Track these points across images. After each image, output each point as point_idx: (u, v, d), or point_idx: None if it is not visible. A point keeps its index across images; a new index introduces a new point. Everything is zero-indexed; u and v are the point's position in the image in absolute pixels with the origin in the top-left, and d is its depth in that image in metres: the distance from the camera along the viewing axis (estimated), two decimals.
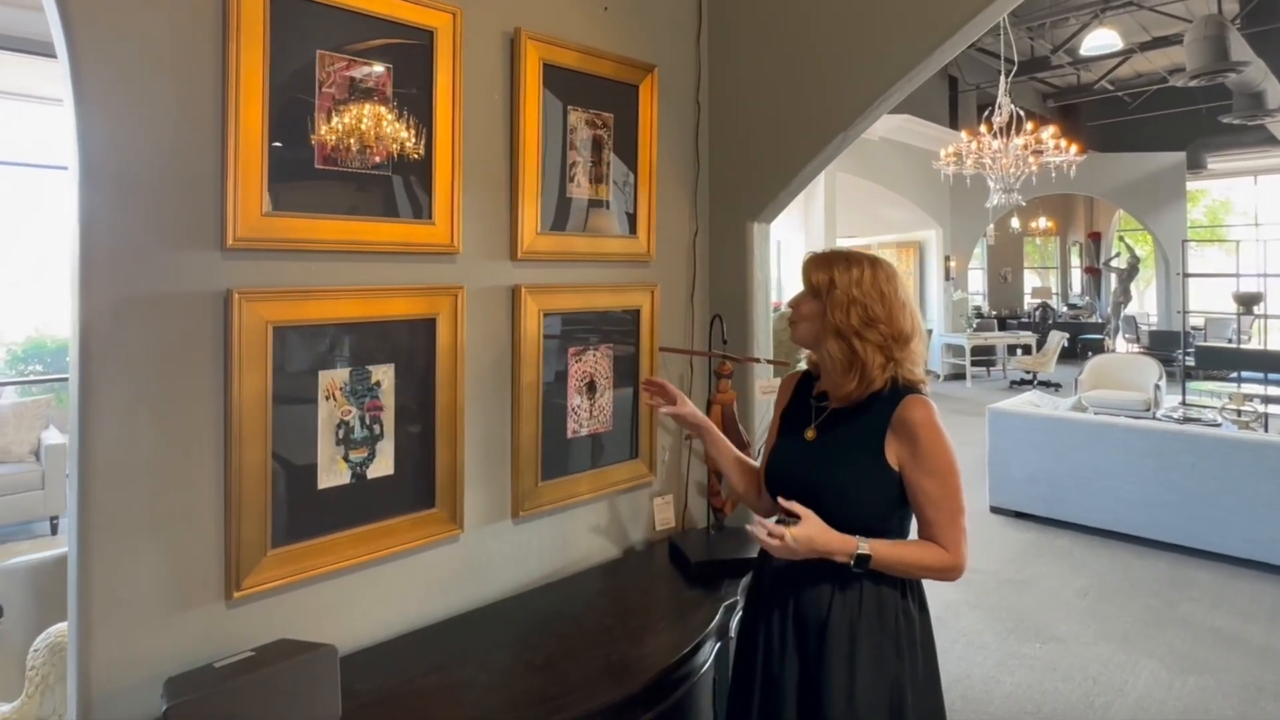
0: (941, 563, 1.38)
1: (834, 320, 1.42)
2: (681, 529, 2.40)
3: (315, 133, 1.51)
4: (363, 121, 1.58)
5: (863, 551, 1.35)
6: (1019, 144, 7.43)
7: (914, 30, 1.96)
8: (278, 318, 1.48)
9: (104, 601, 1.34)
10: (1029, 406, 5.67)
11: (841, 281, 1.42)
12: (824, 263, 1.46)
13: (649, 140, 2.20)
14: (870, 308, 1.40)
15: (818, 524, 1.36)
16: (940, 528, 1.38)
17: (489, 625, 1.78)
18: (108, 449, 1.33)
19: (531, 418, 1.96)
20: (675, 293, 2.37)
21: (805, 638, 1.43)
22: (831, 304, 1.42)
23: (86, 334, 1.30)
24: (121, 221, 1.32)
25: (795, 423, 1.56)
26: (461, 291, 1.77)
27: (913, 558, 1.38)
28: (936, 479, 1.38)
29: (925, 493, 1.39)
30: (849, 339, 1.41)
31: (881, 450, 1.41)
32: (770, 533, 1.35)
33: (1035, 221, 15.52)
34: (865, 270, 1.43)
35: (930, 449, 1.38)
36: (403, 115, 1.65)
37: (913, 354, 1.43)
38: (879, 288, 1.42)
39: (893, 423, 1.40)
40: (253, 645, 1.45)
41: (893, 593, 1.43)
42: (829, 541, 1.35)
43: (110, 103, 1.31)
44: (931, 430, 1.39)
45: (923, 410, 1.40)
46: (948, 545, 1.38)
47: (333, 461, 1.60)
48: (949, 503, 1.39)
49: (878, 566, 1.37)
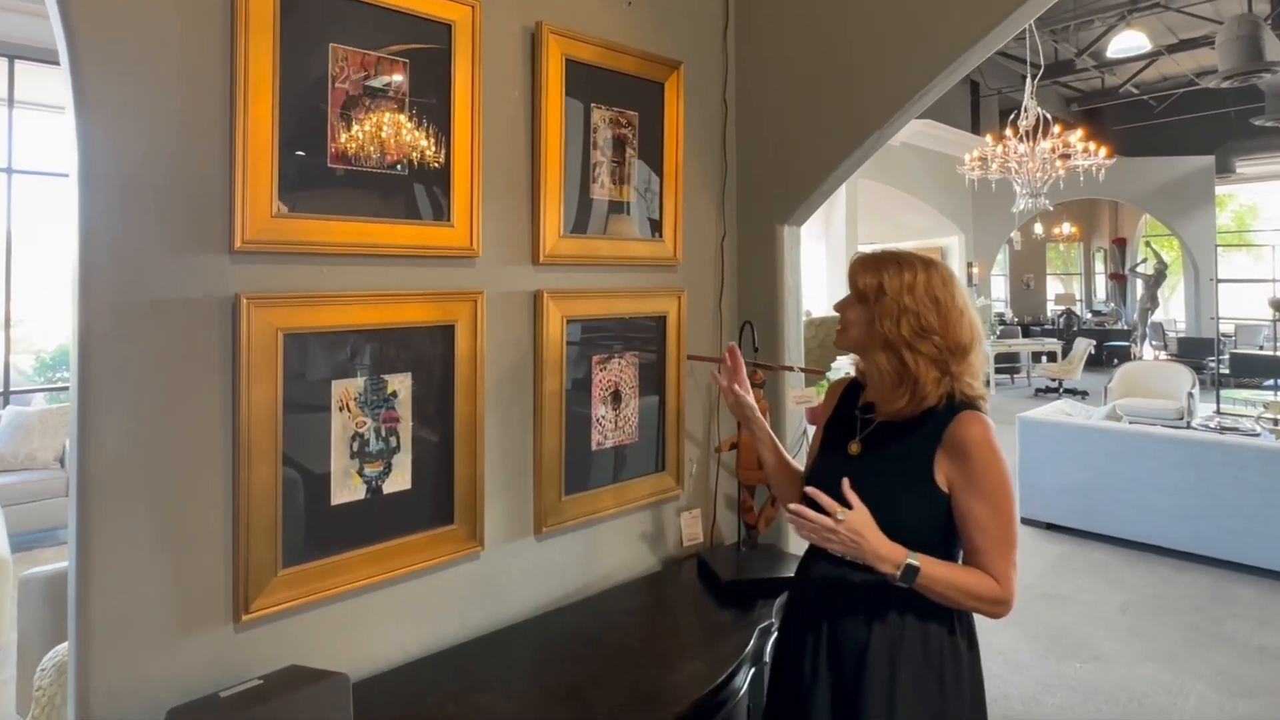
0: (990, 593, 1.26)
1: (882, 330, 1.30)
2: (710, 545, 2.30)
3: (327, 130, 1.44)
4: (377, 119, 1.50)
5: (912, 562, 1.23)
6: (1046, 147, 7.28)
7: (957, 19, 1.85)
8: (288, 324, 1.40)
9: (104, 624, 1.26)
10: (1061, 415, 5.51)
11: (891, 287, 1.30)
12: (872, 265, 1.34)
13: (675, 140, 2.11)
14: (923, 317, 1.28)
15: (869, 518, 1.25)
16: (989, 557, 1.26)
17: (510, 648, 1.68)
18: (108, 462, 1.25)
19: (554, 429, 1.87)
20: (703, 299, 2.27)
21: (841, 665, 1.32)
22: (880, 312, 1.30)
23: (86, 341, 1.22)
24: (123, 224, 1.25)
25: (839, 434, 1.45)
26: (481, 297, 1.69)
27: (962, 582, 1.26)
28: (988, 503, 1.27)
29: (975, 518, 1.27)
30: (899, 351, 1.29)
31: (930, 469, 1.30)
32: (823, 507, 1.23)
33: (1059, 227, 15.29)
34: (919, 274, 1.31)
35: (984, 470, 1.27)
36: (419, 112, 1.57)
37: (971, 366, 1.31)
38: (933, 294, 1.30)
39: (944, 440, 1.29)
40: (261, 672, 1.37)
41: (940, 627, 1.32)
42: (878, 542, 1.24)
43: (110, 102, 1.23)
44: (986, 450, 1.27)
45: (978, 427, 1.28)
46: (997, 576, 1.26)
47: (347, 475, 1.51)
48: (1000, 530, 1.27)
49: (924, 583, 1.25)
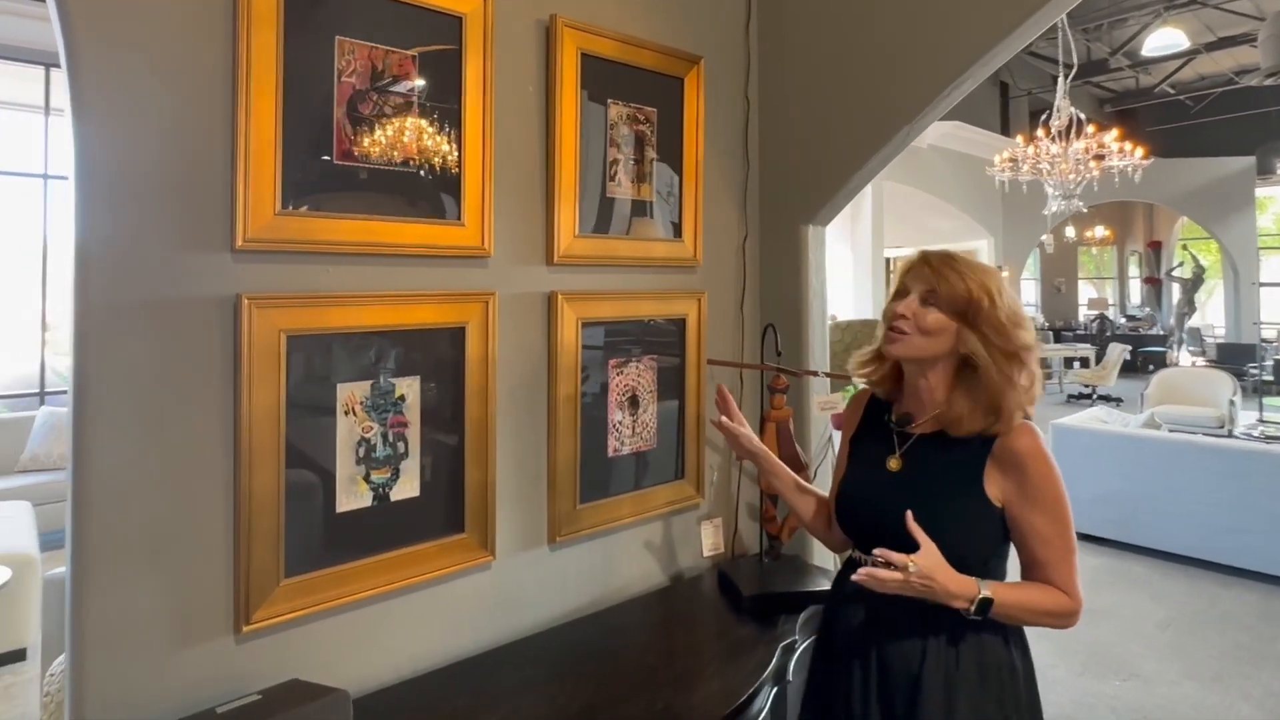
0: (1061, 607, 1.21)
1: (978, 345, 1.21)
2: (732, 556, 2.22)
3: (334, 127, 1.39)
4: (385, 115, 1.45)
5: (985, 595, 1.17)
6: (1079, 148, 7.09)
7: (991, 8, 1.77)
8: (292, 326, 1.35)
9: (99, 634, 1.21)
10: (1096, 423, 5.34)
11: (1002, 300, 1.22)
12: (969, 272, 1.24)
13: (695, 137, 2.04)
14: (1017, 332, 1.23)
15: (939, 557, 1.17)
16: (1054, 568, 1.22)
17: (523, 663, 1.62)
18: (105, 467, 1.21)
19: (569, 435, 1.81)
20: (724, 301, 2.20)
21: (891, 697, 1.24)
22: (986, 324, 1.21)
23: (83, 343, 1.18)
24: (120, 223, 1.21)
25: (871, 450, 1.37)
26: (493, 298, 1.63)
27: (1034, 603, 1.21)
28: (1049, 515, 1.21)
29: (1036, 531, 1.22)
30: (997, 368, 1.21)
31: (981, 483, 1.23)
32: (891, 564, 1.15)
33: (1091, 230, 14.95)
34: (1004, 285, 1.25)
35: (1041, 482, 1.21)
36: (429, 108, 1.52)
37: (1037, 375, 1.26)
38: (1015, 309, 1.25)
39: (995, 452, 1.23)
40: (262, 685, 1.32)
41: (995, 640, 1.25)
42: (949, 581, 1.16)
43: (108, 100, 1.19)
44: (1041, 461, 1.22)
45: (1029, 438, 1.23)
46: (1065, 587, 1.21)
47: (352, 482, 1.46)
48: (1062, 540, 1.22)
49: (998, 613, 1.19)
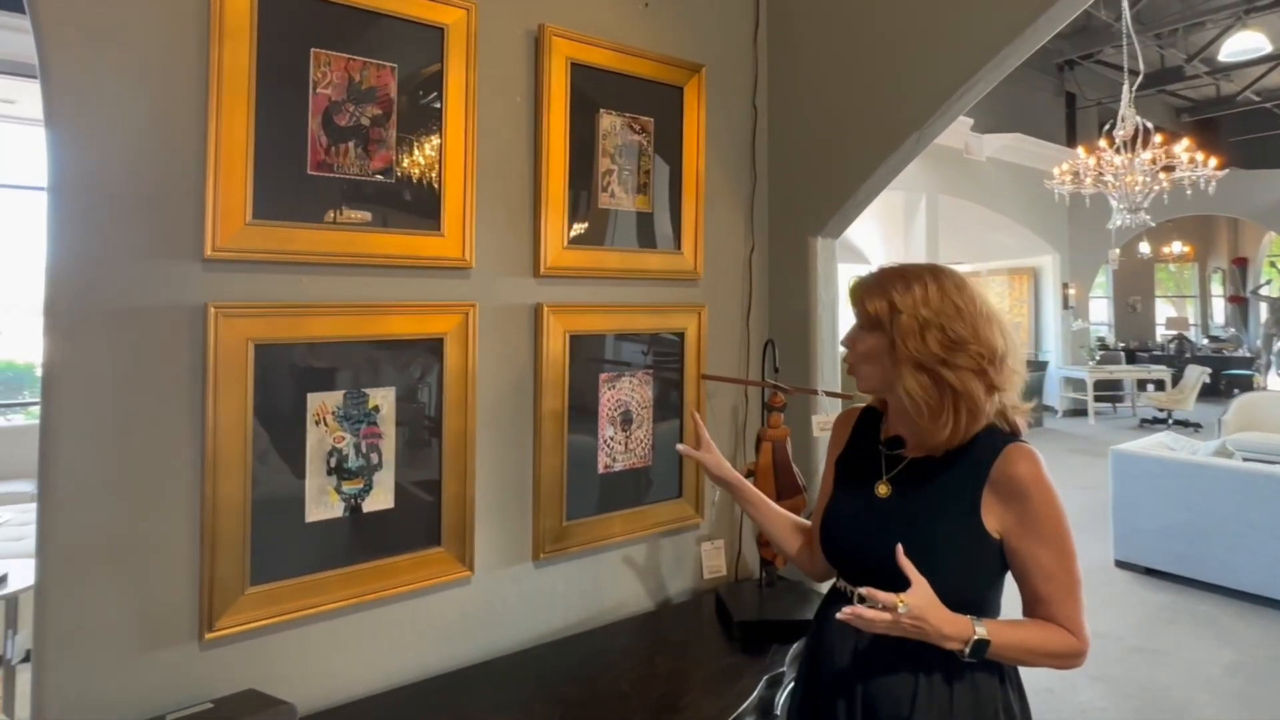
0: (1067, 648, 1.11)
1: (909, 351, 1.14)
2: (735, 579, 2.14)
3: (308, 137, 1.41)
4: (363, 125, 1.46)
5: (980, 636, 1.08)
6: (1146, 158, 6.74)
7: (998, 12, 1.68)
8: (261, 335, 1.36)
9: (61, 636, 1.24)
10: (1161, 449, 5.00)
11: (905, 304, 1.15)
12: (876, 287, 1.19)
13: (695, 147, 2.00)
14: (949, 327, 1.12)
15: (930, 594, 1.08)
16: (1058, 605, 1.12)
17: (498, 683, 1.58)
18: (70, 471, 1.23)
19: (556, 449, 1.77)
20: (727, 315, 2.14)
21: None
22: (900, 333, 1.14)
23: (51, 349, 1.21)
24: (92, 229, 1.24)
25: (858, 474, 1.28)
26: (473, 309, 1.62)
27: (1036, 643, 1.11)
28: (1052, 547, 1.12)
29: (1039, 565, 1.12)
30: (934, 371, 1.13)
31: (978, 512, 1.14)
32: (880, 604, 1.06)
33: (1168, 246, 14.18)
34: (929, 285, 1.15)
35: (1044, 511, 1.12)
36: (407, 118, 1.52)
37: (1011, 376, 1.16)
38: (951, 301, 1.14)
39: (993, 478, 1.13)
40: (220, 694, 1.33)
41: (989, 680, 1.15)
42: (942, 622, 1.07)
43: (80, 109, 1.23)
44: (1043, 489, 1.12)
45: (1029, 464, 1.13)
46: (1070, 626, 1.11)
47: (323, 493, 1.46)
48: (1066, 575, 1.12)
49: (996, 655, 1.09)
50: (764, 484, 1.82)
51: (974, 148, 9.29)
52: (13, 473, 5.05)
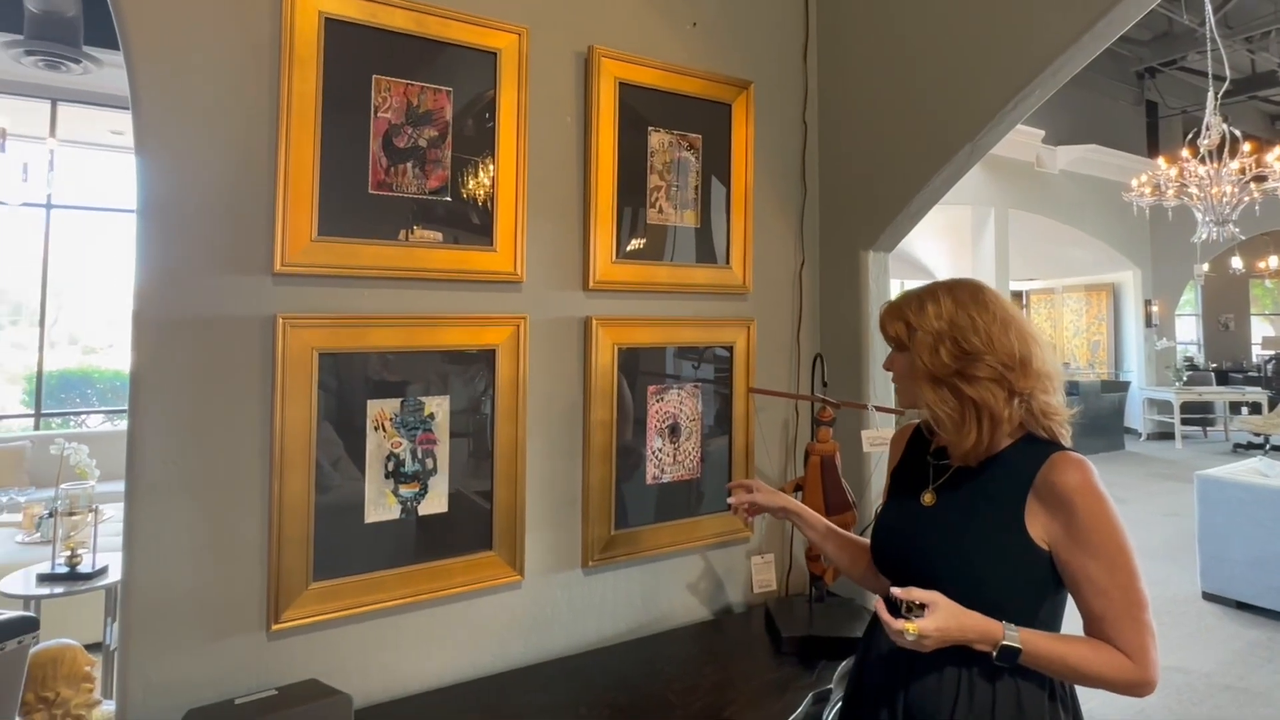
0: (1121, 673, 1.04)
1: (925, 366, 1.16)
2: (785, 594, 2.13)
3: (369, 158, 1.50)
4: (420, 146, 1.55)
5: (1010, 644, 1.05)
6: (1233, 168, 6.40)
7: (1049, 23, 1.66)
8: (325, 344, 1.45)
9: (144, 621, 1.33)
10: (1255, 475, 4.70)
11: (920, 321, 1.17)
12: (895, 311, 1.23)
13: (744, 162, 2.02)
14: (961, 338, 1.13)
15: (949, 610, 1.06)
16: (1114, 625, 1.06)
17: (541, 685, 1.61)
18: (153, 469, 1.34)
19: (604, 459, 1.81)
20: (777, 329, 2.14)
21: None
22: (917, 349, 1.17)
23: (137, 356, 1.32)
24: (174, 248, 1.35)
25: (909, 484, 1.28)
26: (524, 322, 1.68)
27: (1080, 660, 1.05)
28: (1103, 561, 1.06)
29: (1090, 579, 1.07)
30: (950, 383, 1.14)
31: (1021, 520, 1.11)
32: (909, 602, 1.07)
33: (1264, 260, 13.34)
34: (942, 300, 1.17)
35: (1092, 522, 1.07)
36: (462, 139, 1.60)
37: (1041, 380, 1.14)
38: (966, 313, 1.15)
39: (1036, 486, 1.11)
40: (283, 682, 1.40)
41: (1037, 694, 1.11)
42: (965, 629, 1.06)
43: (167, 137, 1.35)
44: (1092, 498, 1.07)
45: (1077, 472, 1.09)
46: (1129, 650, 1.05)
47: (381, 495, 1.53)
48: (1123, 593, 1.06)
49: (1030, 664, 1.06)
50: (811, 498, 1.81)
51: (1045, 160, 9.00)
52: (120, 474, 5.44)
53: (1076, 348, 12.05)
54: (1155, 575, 4.94)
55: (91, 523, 3.08)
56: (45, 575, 3.01)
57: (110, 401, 7.56)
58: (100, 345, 7.86)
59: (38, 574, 3.03)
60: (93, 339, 7.86)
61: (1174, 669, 3.62)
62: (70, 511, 3.08)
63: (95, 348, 7.88)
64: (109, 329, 7.79)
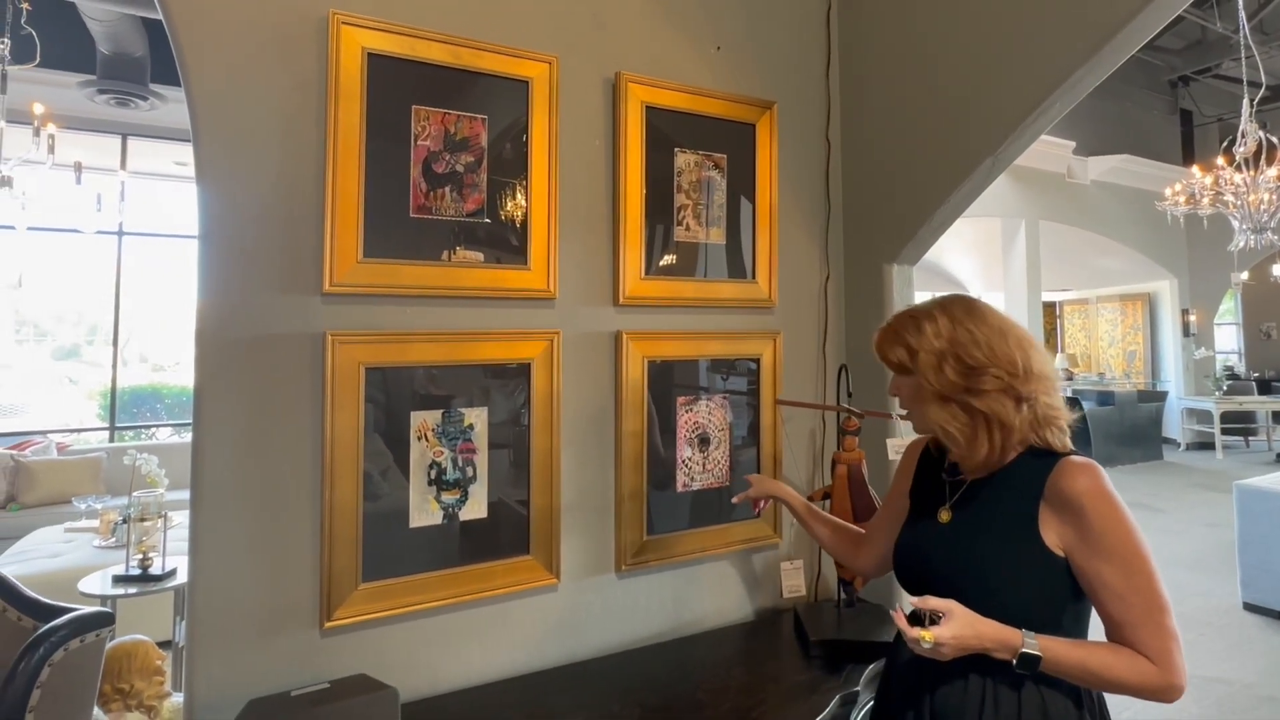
0: (1144, 679, 1.05)
1: (933, 386, 1.18)
2: (815, 599, 2.17)
3: (410, 184, 1.59)
4: (458, 171, 1.64)
5: (1029, 651, 1.06)
6: (1271, 175, 6.30)
7: (1067, 36, 1.70)
8: (370, 359, 1.54)
9: (209, 619, 1.43)
10: None
11: (920, 343, 1.19)
12: (892, 335, 1.24)
13: (768, 180, 2.09)
14: (965, 355, 1.16)
15: (965, 619, 1.08)
16: (1135, 630, 1.06)
17: (582, 685, 1.68)
18: (216, 476, 1.44)
19: (636, 468, 1.88)
20: (803, 342, 2.20)
21: None
22: (922, 371, 1.19)
23: (200, 372, 1.43)
24: (230, 270, 1.46)
25: (926, 502, 1.31)
26: (558, 336, 1.76)
27: (1102, 665, 1.06)
28: (1117, 565, 1.07)
29: (1106, 584, 1.08)
30: (959, 400, 1.17)
31: (1035, 529, 1.13)
32: (906, 635, 1.10)
33: None
34: (938, 319, 1.20)
35: (1104, 526, 1.08)
36: (497, 163, 1.69)
37: (1043, 382, 1.16)
38: (964, 328, 1.18)
39: (1047, 494, 1.13)
40: (335, 677, 1.48)
41: (1063, 702, 1.13)
42: (982, 637, 1.07)
43: (223, 169, 1.46)
44: (1102, 502, 1.09)
45: (1086, 477, 1.11)
46: (1152, 654, 1.05)
47: (424, 501, 1.61)
48: (1141, 597, 1.06)
49: (1051, 671, 1.08)
50: (839, 506, 1.86)
51: (1077, 171, 8.91)
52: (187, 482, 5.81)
53: (1112, 357, 11.85)
54: (1196, 586, 4.85)
55: (161, 528, 3.27)
56: (120, 577, 3.21)
57: (177, 415, 8.05)
58: (168, 363, 8.48)
59: (113, 575, 3.23)
60: (161, 357, 8.47)
61: (1215, 680, 3.56)
62: (142, 517, 3.26)
63: (163, 365, 8.50)
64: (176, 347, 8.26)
